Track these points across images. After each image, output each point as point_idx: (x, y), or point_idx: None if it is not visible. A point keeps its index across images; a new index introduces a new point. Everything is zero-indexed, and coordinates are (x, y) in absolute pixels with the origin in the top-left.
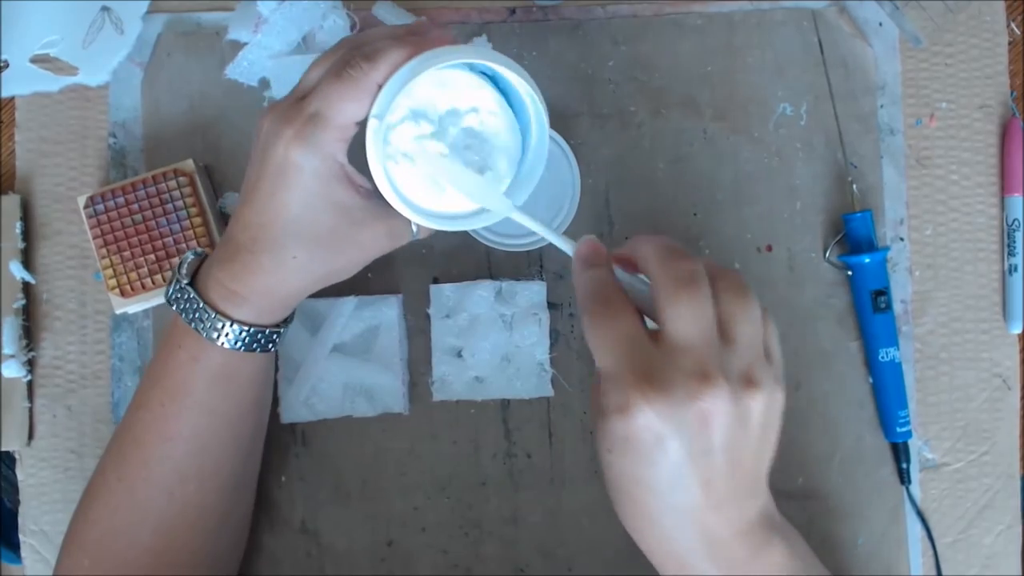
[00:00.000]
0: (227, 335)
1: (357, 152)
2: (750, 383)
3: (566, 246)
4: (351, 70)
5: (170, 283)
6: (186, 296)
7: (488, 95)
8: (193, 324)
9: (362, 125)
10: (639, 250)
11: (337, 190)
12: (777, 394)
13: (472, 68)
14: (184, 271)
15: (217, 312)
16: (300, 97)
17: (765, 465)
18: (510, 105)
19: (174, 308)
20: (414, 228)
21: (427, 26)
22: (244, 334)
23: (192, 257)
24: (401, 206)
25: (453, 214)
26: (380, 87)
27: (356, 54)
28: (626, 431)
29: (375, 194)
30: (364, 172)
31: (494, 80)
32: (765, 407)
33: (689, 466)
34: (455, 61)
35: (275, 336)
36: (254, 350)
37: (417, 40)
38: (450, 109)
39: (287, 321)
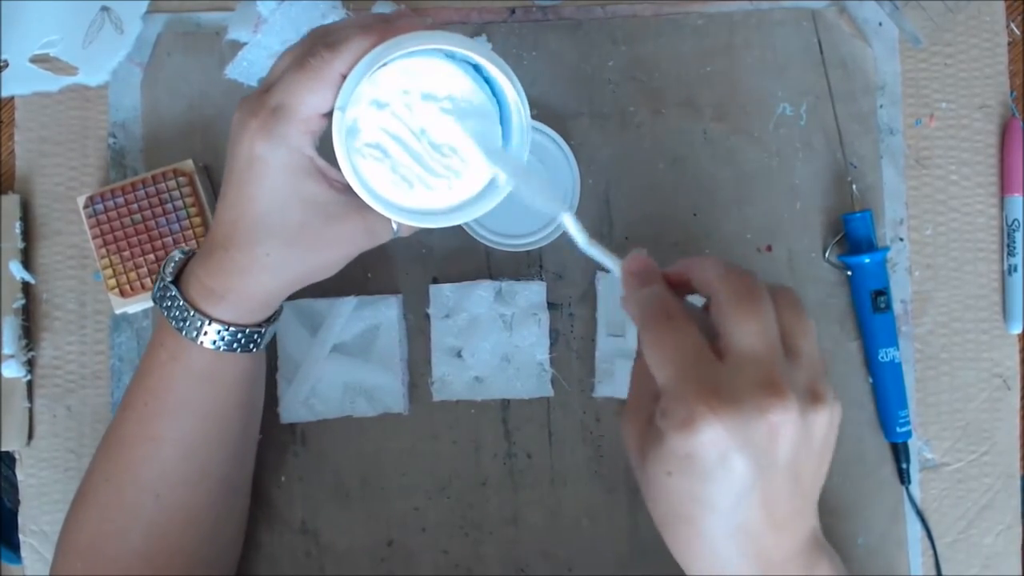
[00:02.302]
0: (207, 335)
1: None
2: (816, 397)
3: (612, 263)
4: (312, 59)
5: (155, 282)
6: (168, 295)
7: (465, 83)
8: (175, 323)
9: (330, 116)
10: (695, 269)
11: (307, 184)
12: (837, 410)
13: (450, 56)
14: (169, 270)
15: (197, 311)
16: (266, 89)
17: (820, 484)
18: (493, 90)
19: (159, 307)
20: (394, 226)
21: (400, 14)
22: (224, 334)
23: (179, 256)
24: (371, 200)
25: (427, 210)
26: (344, 76)
27: (319, 43)
28: (689, 448)
29: (350, 189)
30: (337, 165)
31: (476, 69)
32: (828, 423)
33: (753, 482)
34: (420, 47)
35: (256, 336)
36: (235, 350)
37: (383, 27)
38: (423, 95)
39: (270, 321)
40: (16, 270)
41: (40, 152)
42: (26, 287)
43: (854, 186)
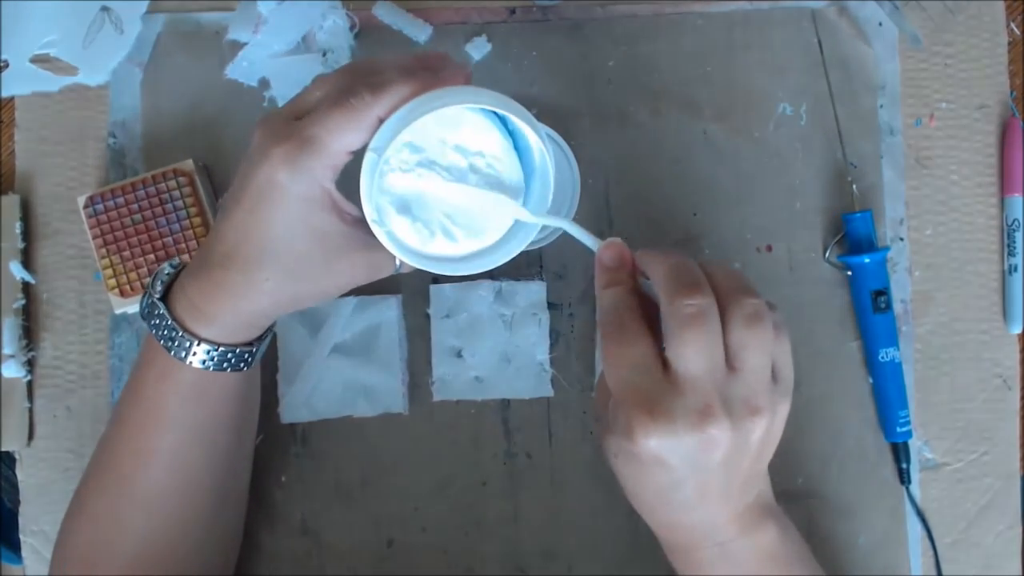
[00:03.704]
0: (195, 355)
1: (350, 177)
2: (753, 411)
3: (590, 241)
4: (354, 99)
5: (143, 297)
6: (156, 312)
7: (495, 139)
8: (163, 342)
9: (356, 155)
10: (649, 269)
11: (320, 216)
12: (780, 411)
13: (481, 109)
14: (158, 287)
15: (186, 331)
16: (296, 116)
17: (763, 466)
18: (515, 144)
19: (146, 324)
20: (397, 263)
21: (440, 60)
22: (214, 354)
23: (169, 270)
24: (389, 243)
25: (441, 256)
26: (382, 121)
27: (361, 83)
28: (629, 449)
29: (361, 223)
30: (352, 199)
31: (501, 118)
32: (765, 430)
33: (687, 479)
34: (463, 104)
35: (247, 355)
36: (225, 369)
37: (427, 76)
38: (455, 147)
39: (261, 339)
40: (16, 270)
41: (40, 152)
42: (26, 287)
43: (854, 186)
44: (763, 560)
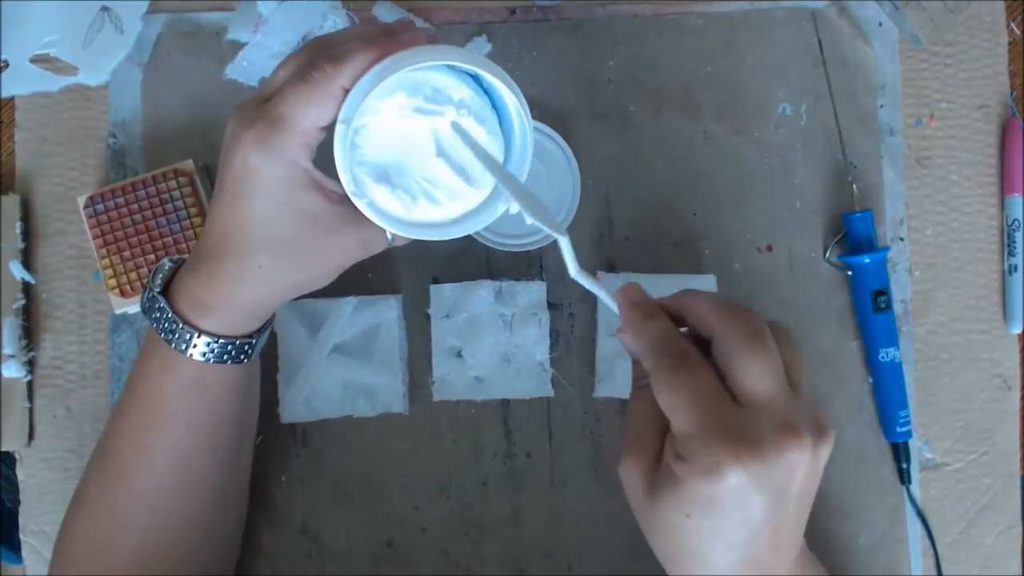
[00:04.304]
0: (196, 347)
1: (331, 155)
2: (822, 431)
3: (602, 293)
4: (316, 73)
5: (144, 291)
6: (157, 306)
7: (468, 92)
8: (164, 335)
9: (330, 130)
10: (692, 307)
11: (302, 196)
12: (833, 438)
13: (452, 69)
14: (158, 281)
15: (186, 323)
16: (264, 99)
17: (812, 501)
18: (493, 107)
19: (147, 318)
20: (389, 236)
21: (403, 25)
22: (214, 346)
23: (169, 265)
24: (373, 215)
25: (427, 222)
26: (347, 91)
27: (322, 56)
28: (713, 493)
29: (346, 200)
30: (335, 176)
31: (476, 80)
32: (830, 452)
33: (767, 517)
34: (425, 64)
35: (247, 347)
36: (225, 362)
37: (388, 41)
38: (432, 95)
39: (261, 331)
40: (16, 270)
41: (40, 152)
42: (26, 287)
43: (854, 186)
44: None
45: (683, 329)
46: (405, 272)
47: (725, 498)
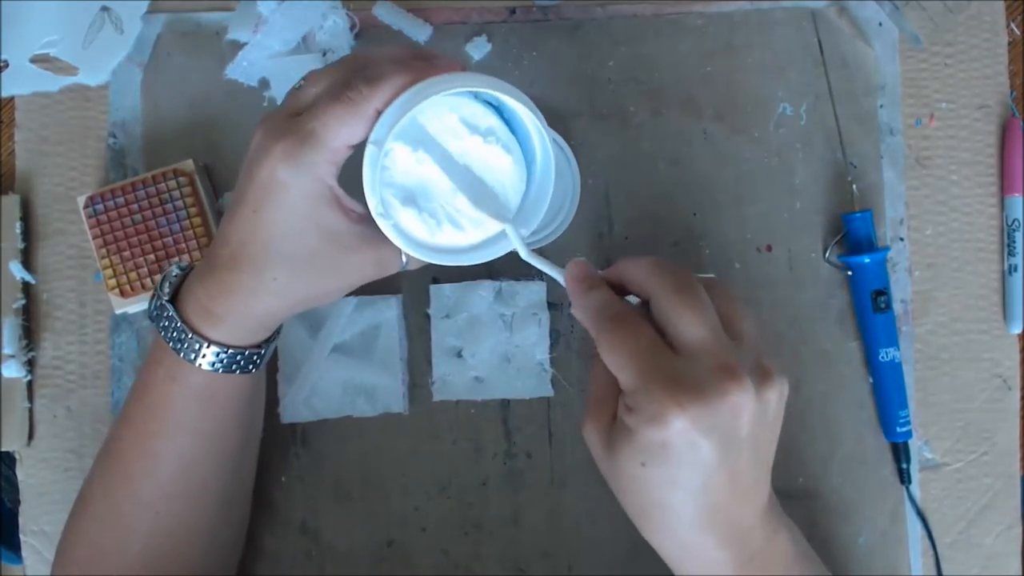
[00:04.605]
0: (205, 357)
1: (352, 174)
2: (766, 374)
3: (555, 273)
4: (351, 93)
5: (151, 299)
6: (165, 314)
7: (493, 125)
8: (172, 344)
9: (356, 149)
10: (628, 271)
11: (324, 213)
12: (785, 383)
13: (477, 97)
14: (166, 288)
15: (195, 333)
16: (294, 112)
17: (773, 452)
18: (514, 133)
19: (154, 326)
20: (403, 259)
21: (436, 53)
22: (223, 356)
23: (176, 272)
24: (395, 237)
25: (448, 247)
26: (379, 113)
27: (357, 76)
28: (663, 438)
29: (366, 219)
30: (356, 195)
31: (498, 109)
32: (779, 395)
33: (720, 460)
34: (459, 89)
35: (255, 357)
36: (234, 372)
37: (422, 66)
38: (464, 123)
39: (269, 341)
40: (16, 270)
41: (40, 152)
42: (26, 287)
43: (854, 186)
44: (789, 565)
45: (635, 299)
46: (405, 272)
47: (673, 442)
